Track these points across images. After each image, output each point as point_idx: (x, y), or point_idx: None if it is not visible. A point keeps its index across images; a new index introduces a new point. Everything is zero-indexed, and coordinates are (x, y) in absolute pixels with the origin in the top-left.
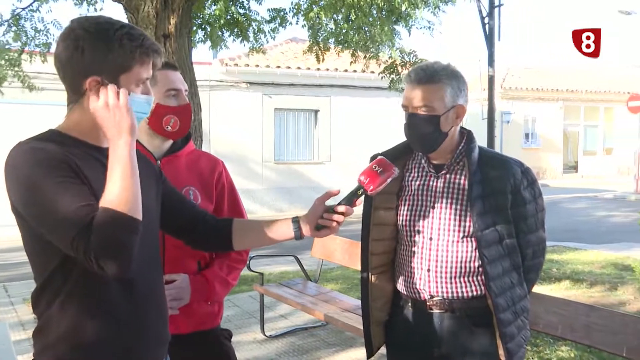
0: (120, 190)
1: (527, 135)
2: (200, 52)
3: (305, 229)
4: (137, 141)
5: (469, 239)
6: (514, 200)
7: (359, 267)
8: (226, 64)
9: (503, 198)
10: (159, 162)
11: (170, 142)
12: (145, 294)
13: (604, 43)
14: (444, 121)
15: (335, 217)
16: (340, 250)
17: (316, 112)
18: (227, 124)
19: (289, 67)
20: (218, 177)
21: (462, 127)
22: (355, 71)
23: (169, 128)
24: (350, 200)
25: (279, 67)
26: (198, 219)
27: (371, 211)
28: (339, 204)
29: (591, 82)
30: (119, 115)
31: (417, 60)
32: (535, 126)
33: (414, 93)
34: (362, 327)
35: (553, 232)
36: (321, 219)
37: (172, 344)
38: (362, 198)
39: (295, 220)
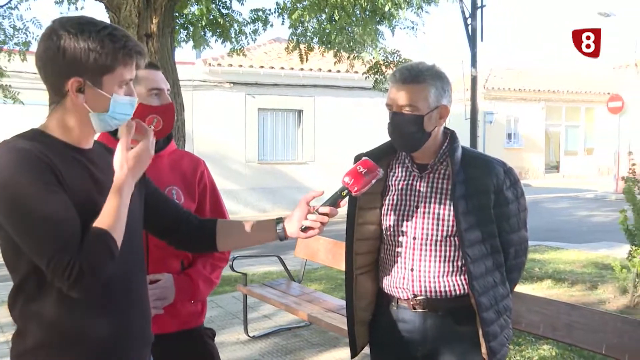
0: (116, 221)
1: (509, 136)
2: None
3: (289, 230)
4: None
5: (452, 238)
6: (496, 200)
7: (342, 267)
8: (209, 64)
9: (486, 198)
10: None
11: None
12: (129, 295)
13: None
14: (427, 121)
15: (320, 218)
16: (324, 251)
17: (300, 112)
18: (211, 124)
19: (272, 67)
20: (200, 176)
21: (445, 127)
22: (339, 71)
23: (152, 127)
24: (334, 201)
25: (262, 67)
26: (182, 219)
27: (355, 211)
28: (323, 205)
29: (572, 82)
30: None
31: (400, 60)
32: (518, 126)
33: (398, 93)
34: (346, 327)
35: (535, 231)
36: (305, 220)
37: (156, 343)
38: (347, 199)
39: (279, 221)
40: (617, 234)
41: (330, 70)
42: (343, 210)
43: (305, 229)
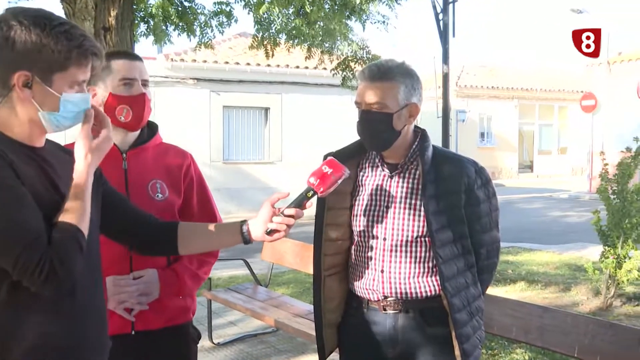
0: (82, 214)
1: (482, 135)
2: (144, 46)
3: (254, 233)
4: None
5: (423, 238)
6: (467, 199)
7: (311, 271)
8: (172, 59)
9: (457, 197)
10: (124, 154)
11: (136, 134)
12: (84, 300)
13: (557, 43)
14: (396, 119)
15: (285, 220)
16: (292, 253)
17: (266, 110)
18: (173, 122)
19: (237, 63)
20: (186, 170)
21: (416, 126)
22: (307, 67)
23: (122, 119)
24: (300, 202)
25: (227, 62)
26: (141, 221)
27: (324, 211)
28: (289, 206)
29: (545, 80)
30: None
31: (369, 56)
32: (491, 125)
33: (367, 90)
34: (314, 333)
35: (508, 232)
36: (270, 222)
37: (139, 340)
38: (313, 200)
39: (244, 224)
40: (591, 234)
41: (298, 67)
42: (311, 211)
43: (270, 232)
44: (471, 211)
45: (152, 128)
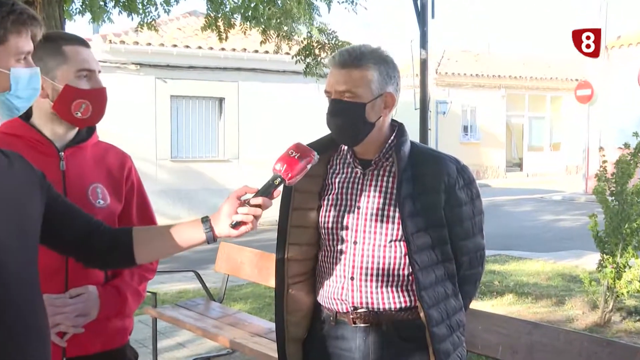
0: None
1: (465, 128)
2: (77, 26)
3: (218, 229)
4: (35, 128)
5: (397, 243)
6: (447, 200)
7: (272, 284)
8: (110, 40)
9: (435, 198)
10: (62, 153)
11: (75, 130)
12: (23, 318)
13: (552, 27)
14: (370, 110)
15: (252, 210)
16: (250, 264)
17: (221, 100)
18: (112, 114)
19: (187, 46)
20: (128, 173)
21: (393, 120)
22: (267, 52)
23: (79, 114)
24: (267, 191)
25: (175, 45)
26: (91, 231)
27: (289, 212)
28: (255, 196)
29: (536, 67)
30: None
31: (337, 42)
32: (476, 117)
33: (337, 77)
34: (275, 354)
35: (495, 238)
36: (236, 214)
37: None
38: (281, 188)
39: (206, 220)
40: (587, 241)
41: (256, 51)
42: (272, 215)
43: (236, 225)
44: (452, 214)
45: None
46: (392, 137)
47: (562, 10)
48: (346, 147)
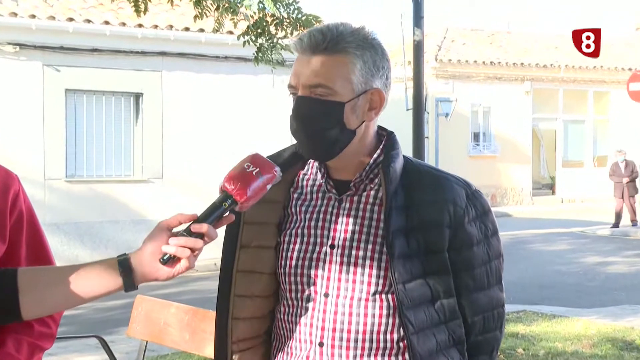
0: None
1: (476, 136)
2: None
3: (142, 269)
4: None
5: (384, 295)
6: (453, 238)
7: (208, 353)
8: None
9: (437, 234)
10: None
11: None
12: None
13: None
14: (349, 112)
15: (191, 241)
16: (178, 325)
17: (138, 96)
18: None
19: (89, 21)
20: (13, 201)
21: (380, 126)
22: (202, 30)
23: None
24: (210, 216)
25: (72, 19)
26: None
27: (236, 252)
28: (196, 222)
29: (574, 52)
30: None
31: (301, 17)
32: (490, 121)
33: (306, 66)
34: None
35: (518, 289)
36: (167, 246)
37: None
38: (230, 216)
39: (124, 260)
40: None
41: (188, 29)
42: (210, 257)
43: (168, 261)
44: (460, 256)
45: None
46: (378, 151)
47: None
48: (316, 163)
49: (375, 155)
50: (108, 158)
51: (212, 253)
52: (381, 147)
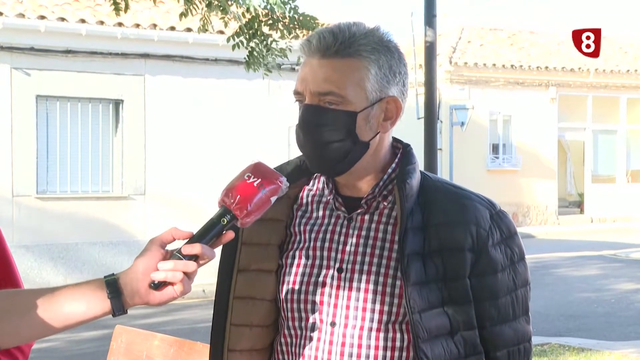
0: None
1: (495, 148)
2: None
3: (131, 292)
4: None
5: (398, 326)
6: (476, 263)
7: None
8: None
9: (458, 259)
10: None
11: None
12: None
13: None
14: (362, 123)
15: (183, 264)
16: (162, 358)
17: (118, 103)
18: None
19: (63, 19)
20: None
21: (395, 138)
22: (189, 30)
23: None
24: (207, 233)
25: (43, 17)
26: None
27: (232, 276)
28: (190, 242)
29: (605, 54)
30: None
31: (298, 16)
32: (511, 131)
33: (314, 71)
34: None
35: (541, 319)
36: (157, 269)
37: None
38: (229, 234)
39: (112, 281)
40: None
41: (173, 29)
42: (201, 281)
43: (158, 286)
44: (482, 284)
45: None
46: (393, 165)
47: None
48: (324, 178)
49: (389, 170)
50: (84, 172)
51: (200, 278)
52: (396, 161)
